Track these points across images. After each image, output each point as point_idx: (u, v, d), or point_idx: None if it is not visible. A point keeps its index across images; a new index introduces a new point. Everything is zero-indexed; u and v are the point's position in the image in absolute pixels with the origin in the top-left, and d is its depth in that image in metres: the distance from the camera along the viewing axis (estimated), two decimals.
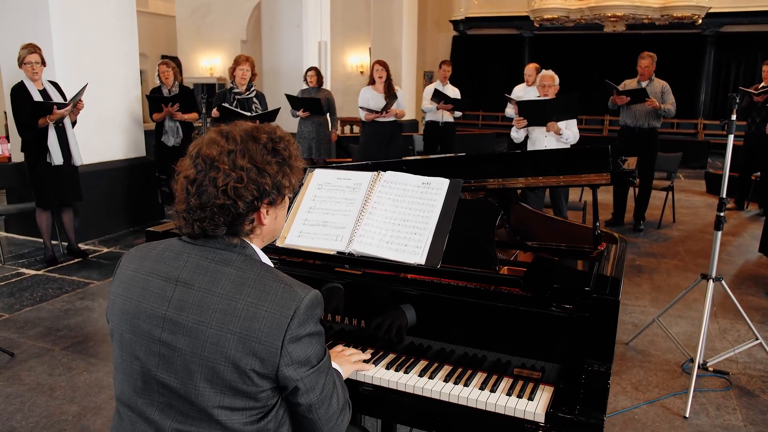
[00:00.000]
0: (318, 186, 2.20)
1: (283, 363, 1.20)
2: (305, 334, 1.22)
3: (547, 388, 1.67)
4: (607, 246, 2.10)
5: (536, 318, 1.65)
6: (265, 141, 1.29)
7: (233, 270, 1.25)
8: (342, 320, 1.96)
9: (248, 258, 1.29)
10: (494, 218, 1.91)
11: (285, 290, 1.23)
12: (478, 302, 1.73)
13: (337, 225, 2.07)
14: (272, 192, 1.27)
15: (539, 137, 5.40)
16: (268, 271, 1.27)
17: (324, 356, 1.29)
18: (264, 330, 1.19)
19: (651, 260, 5.72)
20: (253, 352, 1.19)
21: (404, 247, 1.94)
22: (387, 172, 2.14)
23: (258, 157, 1.26)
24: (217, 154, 1.25)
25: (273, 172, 1.27)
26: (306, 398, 1.26)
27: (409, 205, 2.03)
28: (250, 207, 1.26)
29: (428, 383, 1.70)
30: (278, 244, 2.08)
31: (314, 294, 1.26)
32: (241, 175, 1.23)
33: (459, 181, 2.04)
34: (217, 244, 1.29)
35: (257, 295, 1.21)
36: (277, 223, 1.38)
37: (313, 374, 1.25)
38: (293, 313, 1.20)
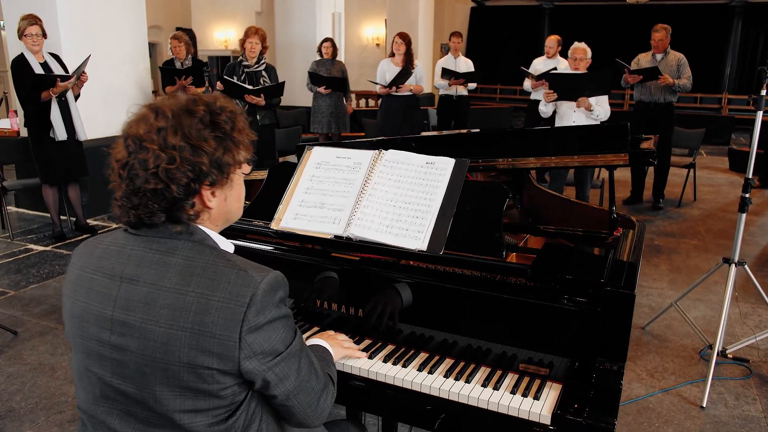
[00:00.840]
0: (316, 165, 2.08)
1: (243, 356, 1.09)
2: (266, 321, 1.11)
3: (555, 385, 1.55)
4: (624, 231, 1.95)
5: (544, 311, 1.53)
6: (201, 114, 1.14)
7: (180, 259, 1.13)
8: (339, 308, 1.86)
9: (197, 244, 1.16)
10: (502, 201, 1.78)
11: (238, 276, 1.10)
12: (482, 293, 1.61)
13: (335, 207, 1.95)
14: (211, 172, 1.14)
15: (567, 112, 5.20)
16: (219, 256, 1.14)
17: (293, 339, 1.18)
18: (218, 323, 1.07)
19: (670, 240, 5.54)
20: (208, 348, 1.08)
21: (405, 231, 1.82)
22: (389, 151, 2.01)
23: (193, 132, 1.12)
24: (146, 133, 1.11)
25: (211, 149, 1.13)
26: (280, 389, 1.16)
27: (411, 187, 1.90)
28: (188, 190, 1.12)
29: (427, 378, 1.59)
30: (273, 227, 1.98)
31: (273, 276, 1.14)
32: (173, 155, 1.09)
33: (465, 161, 1.90)
34: (161, 232, 1.16)
35: (207, 285, 1.09)
36: (229, 205, 1.24)
37: (282, 362, 1.15)
38: (249, 301, 1.09)
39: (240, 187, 1.26)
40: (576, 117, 5.15)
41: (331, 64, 7.45)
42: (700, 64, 6.29)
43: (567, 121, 5.21)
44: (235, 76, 5.73)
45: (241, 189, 1.27)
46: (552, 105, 5.28)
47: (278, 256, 1.92)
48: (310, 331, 1.88)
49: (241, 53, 5.91)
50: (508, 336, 1.62)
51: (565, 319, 1.51)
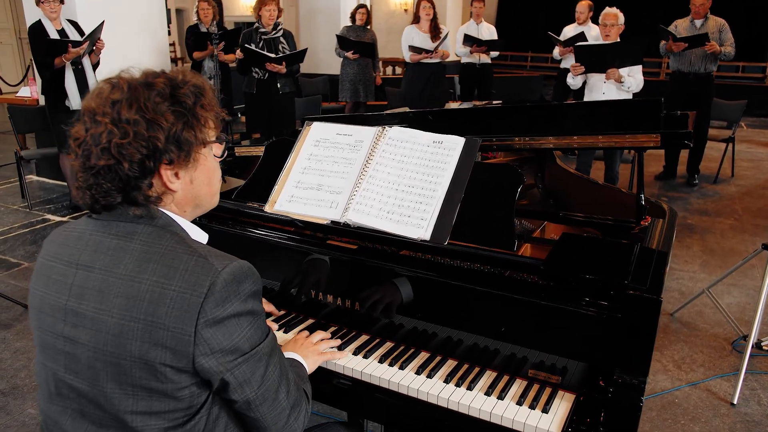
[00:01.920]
0: (315, 142, 1.92)
1: (199, 353, 0.99)
2: (228, 315, 1.00)
3: (567, 396, 1.39)
4: (652, 221, 1.76)
5: (557, 313, 1.36)
6: (161, 87, 1.05)
7: (137, 245, 1.04)
8: (335, 300, 1.71)
9: (158, 229, 1.07)
10: (516, 187, 1.59)
11: (198, 263, 1.01)
12: (490, 291, 1.44)
13: (333, 189, 1.80)
14: (169, 149, 1.03)
15: (597, 84, 4.90)
16: (180, 242, 1.05)
17: (262, 341, 1.07)
18: (172, 314, 0.98)
19: (704, 219, 5.26)
20: (161, 342, 0.98)
21: (407, 218, 1.66)
22: (393, 128, 1.83)
23: (149, 105, 1.02)
24: (98, 106, 1.03)
25: (168, 124, 1.03)
26: (240, 394, 1.04)
27: (415, 168, 1.73)
28: (143, 168, 1.02)
29: (425, 384, 1.44)
30: (267, 210, 1.83)
31: (237, 266, 1.03)
32: (126, 130, 1.00)
33: (476, 141, 1.72)
34: (120, 216, 1.07)
35: (164, 272, 1.00)
36: (197, 189, 1.12)
37: (244, 364, 1.03)
38: (207, 291, 0.98)
39: (209, 170, 1.14)
40: (606, 89, 4.86)
41: (363, 32, 7.21)
42: (741, 31, 5.85)
43: (597, 93, 4.92)
44: (253, 44, 5.54)
45: (212, 172, 1.15)
46: (581, 77, 4.99)
47: (270, 241, 1.78)
48: (303, 323, 1.74)
49: (257, 20, 5.71)
50: (517, 337, 1.46)
51: (580, 324, 1.34)
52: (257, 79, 5.58)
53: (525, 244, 1.67)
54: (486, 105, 3.85)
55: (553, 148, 1.76)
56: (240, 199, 1.95)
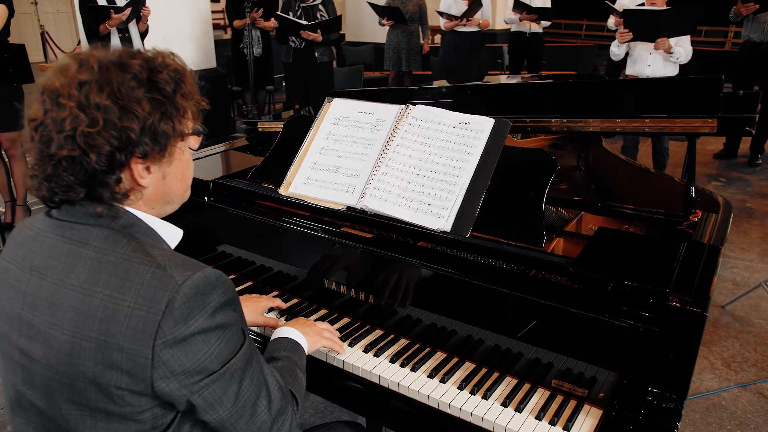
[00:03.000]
0: (334, 120, 1.79)
1: (158, 376, 0.88)
2: (191, 333, 0.89)
3: (594, 411, 1.25)
4: (704, 216, 1.57)
5: (586, 321, 1.22)
6: (137, 70, 0.92)
7: (90, 251, 0.92)
8: (348, 291, 1.61)
9: (114, 233, 0.95)
10: (548, 177, 1.44)
11: (155, 275, 0.89)
12: (512, 293, 1.31)
13: (350, 172, 1.67)
14: (143, 141, 0.92)
15: (642, 55, 4.57)
16: (137, 249, 0.93)
17: (234, 355, 0.95)
18: (126, 334, 0.87)
19: (765, 203, 4.91)
20: (116, 364, 0.87)
21: (427, 207, 1.53)
22: (416, 107, 1.69)
23: (123, 91, 0.90)
24: (63, 86, 0.90)
25: (143, 114, 0.91)
26: (212, 415, 0.94)
27: (439, 152, 1.59)
28: (112, 162, 0.91)
29: (437, 389, 1.33)
30: (281, 192, 1.73)
31: (201, 277, 0.91)
32: (95, 117, 0.88)
33: (506, 122, 1.56)
34: (78, 214, 0.96)
35: (117, 285, 0.89)
36: (169, 185, 1.01)
37: (214, 384, 0.92)
38: (165, 308, 0.87)
39: (183, 165, 1.03)
40: (651, 60, 4.51)
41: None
42: None
43: (641, 65, 4.58)
44: (291, 12, 5.41)
45: (186, 167, 1.05)
46: (625, 46, 4.64)
47: (283, 226, 1.68)
48: (316, 314, 1.65)
49: None
50: (540, 341, 1.32)
51: (612, 335, 1.19)
52: (294, 48, 5.47)
53: (557, 238, 1.52)
54: (533, 78, 3.64)
55: (594, 131, 1.58)
56: (255, 179, 1.86)
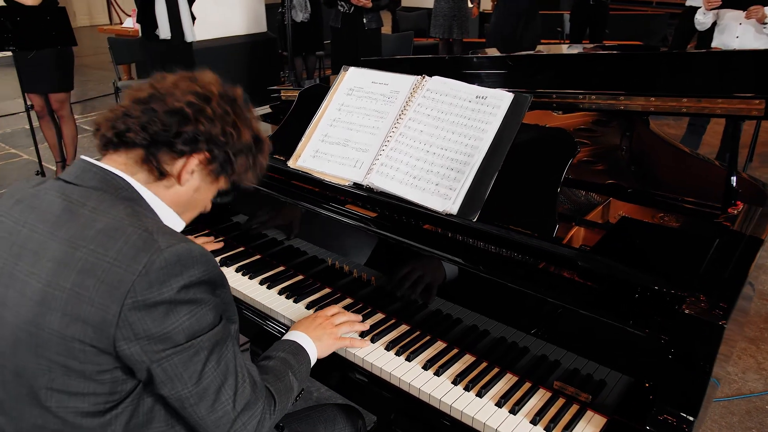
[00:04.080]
0: (348, 91, 1.70)
1: (120, 336, 0.87)
2: (163, 300, 0.87)
3: (596, 419, 1.15)
4: (746, 209, 1.40)
5: (593, 322, 1.10)
6: (256, 130, 1.10)
7: (86, 211, 0.93)
8: (350, 271, 1.54)
9: (114, 199, 0.96)
10: (565, 160, 1.31)
11: (141, 237, 0.89)
12: (516, 288, 1.20)
13: (360, 146, 1.59)
14: (222, 147, 1.02)
15: (731, 24, 4.17)
16: (132, 214, 0.94)
17: (203, 333, 0.92)
18: (99, 288, 0.86)
19: None
20: (83, 316, 0.87)
21: (434, 187, 1.43)
22: (433, 78, 1.57)
23: (240, 113, 1.06)
24: (207, 92, 1.03)
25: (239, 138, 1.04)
26: (170, 389, 0.92)
27: (452, 127, 1.47)
28: (187, 140, 0.99)
29: (429, 382, 1.25)
30: (290, 165, 1.66)
31: (185, 248, 0.90)
32: (213, 108, 1.01)
33: (526, 98, 1.43)
34: (87, 178, 0.98)
35: (102, 241, 0.89)
36: (194, 199, 1.08)
37: (176, 356, 0.90)
38: (142, 269, 0.86)
39: (207, 197, 1.11)
40: (741, 31, 4.13)
41: None
42: None
43: (728, 36, 4.20)
44: None
45: (208, 201, 1.13)
46: (712, 14, 4.27)
47: (288, 200, 1.62)
48: (319, 292, 1.59)
49: None
50: (546, 337, 1.22)
51: (618, 339, 1.08)
52: (342, 13, 5.35)
53: (575, 228, 1.39)
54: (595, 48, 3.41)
55: (625, 109, 1.43)
56: None
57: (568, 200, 1.68)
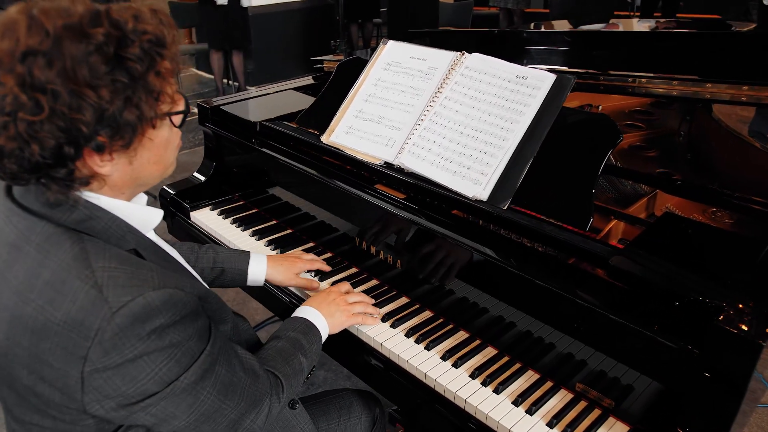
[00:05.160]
0: (385, 65, 1.64)
1: (90, 399, 0.79)
2: (127, 359, 0.77)
3: (618, 426, 1.09)
4: None
5: (620, 326, 1.03)
6: (100, 41, 0.74)
7: (32, 249, 0.81)
8: (377, 253, 1.51)
9: (60, 233, 0.81)
10: (605, 149, 1.22)
11: (88, 297, 0.76)
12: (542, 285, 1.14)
13: (393, 124, 1.54)
14: (96, 134, 0.76)
15: None
16: (77, 258, 0.79)
17: (183, 373, 0.82)
18: (55, 352, 0.77)
19: None
20: (48, 380, 0.80)
21: (465, 170, 1.36)
22: (472, 55, 1.50)
23: (78, 71, 0.72)
24: (4, 54, 0.73)
25: (101, 102, 0.74)
26: (165, 427, 0.86)
27: (488, 108, 1.40)
28: (59, 155, 0.76)
29: (446, 374, 1.21)
30: (323, 140, 1.63)
31: (141, 303, 0.77)
32: (40, 102, 0.72)
33: (569, 79, 1.34)
34: (31, 199, 0.83)
35: (50, 298, 0.78)
36: (139, 169, 0.86)
37: (162, 402, 0.82)
38: (94, 336, 0.75)
39: (158, 147, 0.86)
40: None
41: None
42: None
43: None
44: None
45: (162, 148, 0.87)
46: None
47: (319, 176, 1.59)
48: (346, 271, 1.57)
49: None
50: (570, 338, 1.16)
51: (648, 347, 1.00)
52: None
53: (613, 221, 1.31)
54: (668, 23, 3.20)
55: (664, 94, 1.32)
56: (302, 123, 1.77)
57: (613, 188, 1.59)
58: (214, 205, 1.91)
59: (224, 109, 1.93)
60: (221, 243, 1.75)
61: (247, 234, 1.75)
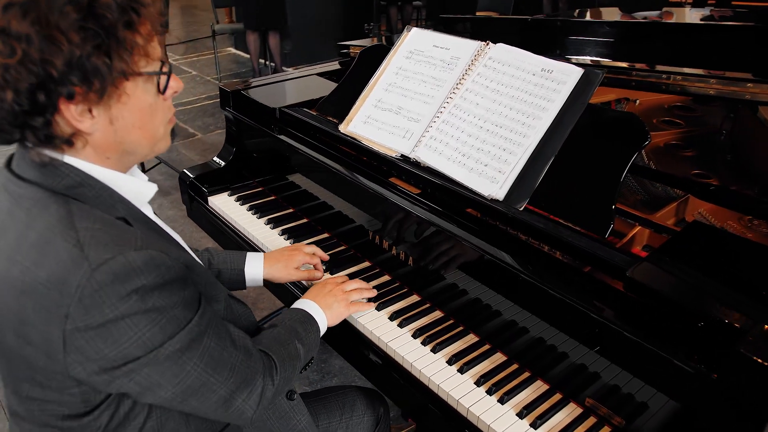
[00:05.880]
0: (408, 54, 1.59)
1: (72, 360, 0.79)
2: (109, 319, 0.77)
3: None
4: None
5: (632, 343, 0.97)
6: None
7: (22, 214, 0.83)
8: (390, 249, 1.47)
9: (48, 197, 0.83)
10: (631, 152, 1.14)
11: (70, 255, 0.77)
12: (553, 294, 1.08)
13: (412, 116, 1.48)
14: (68, 79, 0.76)
15: None
16: (62, 219, 0.80)
17: (167, 340, 0.82)
18: (40, 312, 0.78)
19: None
20: (32, 341, 0.80)
21: (482, 167, 1.30)
22: (497, 46, 1.42)
23: (51, 18, 0.74)
24: None
25: (68, 46, 0.75)
26: (152, 397, 0.85)
27: (510, 103, 1.33)
28: (33, 102, 0.76)
29: (450, 380, 1.17)
30: (341, 129, 1.59)
31: (121, 262, 0.77)
32: (13, 47, 0.74)
33: (597, 74, 1.26)
34: (24, 166, 0.85)
35: (35, 258, 0.79)
36: (121, 133, 0.85)
37: (145, 368, 0.81)
38: (75, 293, 0.76)
39: (141, 110, 0.86)
40: None
41: None
42: None
43: None
44: None
45: (147, 113, 0.87)
46: None
47: (335, 166, 1.55)
48: (358, 265, 1.53)
49: None
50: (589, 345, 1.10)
51: (663, 367, 0.94)
52: None
53: (637, 228, 1.23)
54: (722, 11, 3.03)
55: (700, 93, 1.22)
56: (321, 111, 1.73)
57: (642, 189, 1.50)
58: (232, 190, 1.90)
59: (245, 93, 1.90)
60: (236, 229, 1.74)
61: (262, 222, 1.73)
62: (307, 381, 2.27)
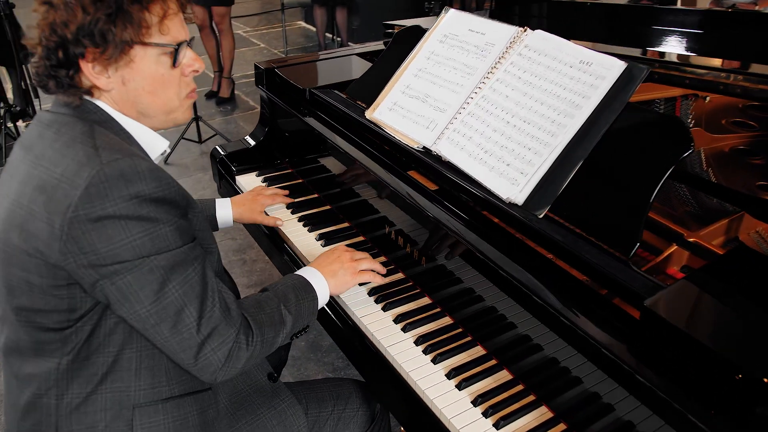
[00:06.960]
0: (441, 38, 1.48)
1: (67, 250, 0.86)
2: (107, 215, 0.85)
3: None
4: None
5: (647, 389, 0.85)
6: None
7: (51, 133, 0.94)
8: (404, 245, 1.38)
9: (76, 120, 0.95)
10: (670, 161, 1.00)
11: (86, 154, 0.88)
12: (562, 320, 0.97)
13: (438, 104, 1.38)
14: (81, 42, 0.90)
15: None
16: (86, 132, 0.92)
17: (158, 253, 0.89)
18: (49, 204, 0.87)
19: None
20: (36, 232, 0.88)
21: (505, 167, 1.19)
22: (534, 33, 1.29)
23: None
24: None
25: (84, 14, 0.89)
26: (128, 309, 0.90)
27: (542, 96, 1.21)
28: (56, 58, 0.92)
29: (446, 396, 1.08)
30: (366, 115, 1.51)
31: (130, 164, 0.88)
32: (48, 12, 0.91)
33: (641, 70, 1.11)
34: (58, 105, 0.98)
35: (55, 159, 0.90)
36: (133, 93, 0.98)
37: (129, 274, 0.88)
38: (83, 183, 0.85)
39: (152, 77, 0.97)
40: None
41: None
42: None
43: None
44: None
45: (158, 81, 0.98)
46: None
47: (352, 155, 1.48)
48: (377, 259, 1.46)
49: None
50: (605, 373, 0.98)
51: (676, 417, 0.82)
52: None
53: (674, 247, 1.08)
54: None
55: None
56: (351, 94, 1.65)
57: (693, 199, 1.34)
58: (260, 171, 1.86)
59: (279, 72, 1.85)
60: None
61: (283, 205, 1.68)
62: (332, 368, 2.23)
